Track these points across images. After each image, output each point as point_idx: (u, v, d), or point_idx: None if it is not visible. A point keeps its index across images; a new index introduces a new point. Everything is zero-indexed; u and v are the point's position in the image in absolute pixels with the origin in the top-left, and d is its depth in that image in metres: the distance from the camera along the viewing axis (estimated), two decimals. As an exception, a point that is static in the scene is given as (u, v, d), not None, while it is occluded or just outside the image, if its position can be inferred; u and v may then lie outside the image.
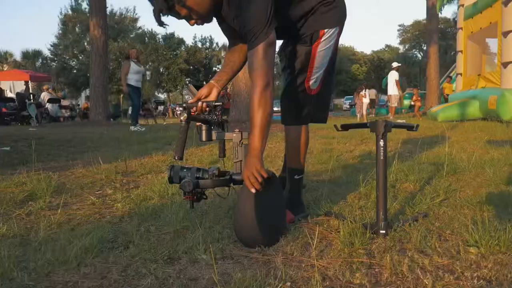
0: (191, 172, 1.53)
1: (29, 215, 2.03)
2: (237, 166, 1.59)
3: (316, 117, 1.83)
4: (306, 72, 1.71)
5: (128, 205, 2.15)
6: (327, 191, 2.22)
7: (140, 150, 4.60)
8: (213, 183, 1.54)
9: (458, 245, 1.35)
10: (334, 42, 1.75)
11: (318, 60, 1.71)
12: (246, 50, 1.79)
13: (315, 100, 1.78)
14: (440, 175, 2.64)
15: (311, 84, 1.74)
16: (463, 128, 6.92)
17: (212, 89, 1.74)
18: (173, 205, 2.04)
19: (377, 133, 1.46)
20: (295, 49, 1.73)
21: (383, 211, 1.46)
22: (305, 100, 1.75)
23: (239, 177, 1.54)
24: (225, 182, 1.56)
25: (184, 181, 1.49)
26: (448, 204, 1.91)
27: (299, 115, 1.76)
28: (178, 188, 1.56)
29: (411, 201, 1.96)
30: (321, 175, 2.86)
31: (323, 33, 1.68)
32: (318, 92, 1.77)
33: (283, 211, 1.58)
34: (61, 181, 2.91)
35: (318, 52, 1.69)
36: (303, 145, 1.78)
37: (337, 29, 1.72)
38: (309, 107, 1.76)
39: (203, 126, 1.61)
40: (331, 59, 1.77)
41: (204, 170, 1.55)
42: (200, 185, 1.52)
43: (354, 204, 1.97)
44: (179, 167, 1.56)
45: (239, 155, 1.59)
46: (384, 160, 1.45)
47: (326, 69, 1.77)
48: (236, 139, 1.59)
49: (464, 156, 3.58)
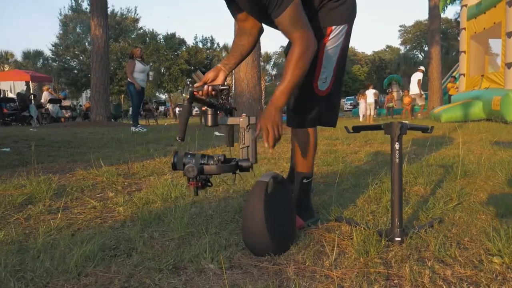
0: (195, 159, 1.47)
1: (28, 219, 1.97)
2: (243, 152, 1.52)
3: (325, 121, 1.74)
4: (314, 72, 1.64)
5: (130, 208, 2.09)
6: (335, 195, 2.15)
7: (141, 151, 4.53)
8: (218, 169, 1.45)
9: (479, 254, 1.28)
10: (343, 40, 1.67)
11: (325, 59, 1.63)
12: (255, 34, 1.78)
13: (324, 102, 1.70)
14: (450, 177, 2.57)
15: (320, 85, 1.66)
16: (467, 129, 6.85)
17: (218, 72, 1.70)
18: (177, 209, 1.97)
19: (392, 136, 1.39)
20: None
21: (399, 218, 1.39)
22: (313, 102, 1.68)
23: (246, 164, 1.47)
24: (231, 168, 1.49)
25: (188, 166, 1.42)
26: (462, 208, 1.84)
27: (307, 117, 1.68)
28: (182, 175, 1.49)
29: (423, 205, 1.88)
30: (327, 178, 2.79)
31: (330, 31, 1.61)
32: (328, 93, 1.70)
33: (293, 216, 1.51)
34: (62, 184, 2.84)
35: (326, 51, 1.62)
36: (312, 148, 1.71)
37: (345, 26, 1.65)
38: (317, 109, 1.69)
39: (209, 110, 1.55)
40: (340, 58, 1.69)
41: (209, 157, 1.49)
42: (205, 171, 1.44)
43: (365, 208, 1.89)
44: (182, 154, 1.50)
45: (246, 140, 1.51)
46: (400, 164, 1.38)
47: (336, 69, 1.69)
48: (243, 123, 1.52)
49: (472, 158, 3.51)
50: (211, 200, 2.21)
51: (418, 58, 49.20)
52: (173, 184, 2.53)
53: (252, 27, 1.74)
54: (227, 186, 2.55)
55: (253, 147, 1.49)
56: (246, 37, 1.76)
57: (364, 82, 48.27)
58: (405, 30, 50.19)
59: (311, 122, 1.69)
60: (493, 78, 9.73)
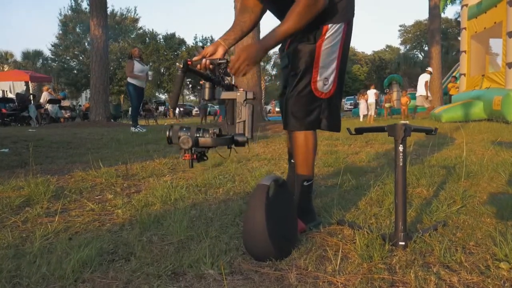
0: (190, 132, 1.47)
1: (25, 222, 1.94)
2: (239, 126, 1.50)
3: (329, 125, 1.67)
4: (311, 73, 1.59)
5: (129, 211, 2.06)
6: (337, 197, 2.12)
7: (141, 152, 4.50)
8: (213, 141, 1.45)
9: (486, 260, 1.25)
10: (341, 40, 1.62)
11: (322, 59, 1.59)
12: (257, 12, 1.77)
13: (326, 105, 1.64)
14: (453, 179, 2.54)
15: (320, 86, 1.61)
16: (468, 129, 6.82)
17: (218, 47, 1.68)
18: (176, 211, 1.94)
19: (396, 138, 1.36)
20: (297, 48, 1.62)
21: (402, 221, 1.36)
22: (312, 104, 1.62)
23: (242, 138, 1.47)
24: (226, 142, 1.48)
25: (182, 137, 1.41)
26: (466, 211, 1.80)
27: (306, 120, 1.62)
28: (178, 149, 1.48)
29: (427, 208, 1.85)
30: (328, 179, 2.76)
31: (326, 29, 1.57)
32: (331, 95, 1.65)
33: (294, 220, 1.48)
34: (60, 185, 2.81)
35: (322, 51, 1.58)
36: (311, 151, 1.66)
37: (342, 25, 1.60)
38: (317, 112, 1.63)
39: (206, 84, 1.54)
40: (339, 59, 1.64)
41: (205, 130, 1.48)
42: (200, 143, 1.44)
43: (367, 211, 1.87)
44: (178, 126, 1.49)
45: (242, 114, 1.49)
46: (404, 167, 1.35)
47: (337, 70, 1.65)
48: (240, 98, 1.50)
49: (474, 158, 3.48)
50: (211, 202, 2.18)
51: (418, 58, 49.18)
52: (172, 186, 2.51)
53: (255, 5, 1.74)
54: (227, 188, 2.52)
55: (250, 122, 1.48)
56: (248, 15, 1.75)
57: (364, 82, 48.26)
58: (405, 29, 50.17)
59: (310, 125, 1.63)
60: (494, 78, 9.70)
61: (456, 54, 36.55)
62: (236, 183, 2.70)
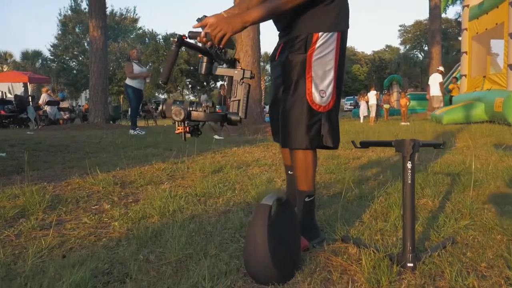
0: (184, 105, 1.45)
1: (19, 236, 1.88)
2: (234, 105, 1.47)
3: (328, 142, 1.57)
4: (305, 84, 1.52)
5: (126, 224, 2.00)
6: (340, 209, 2.06)
7: (139, 157, 4.44)
8: (206, 116, 1.43)
9: (500, 285, 1.19)
10: (335, 50, 1.53)
11: (316, 69, 1.51)
12: None
13: (325, 119, 1.55)
14: (458, 188, 2.48)
15: (317, 99, 1.53)
16: (470, 132, 6.76)
17: None
18: (174, 225, 1.88)
19: (403, 154, 1.30)
20: (288, 59, 1.55)
21: (411, 242, 1.30)
22: (311, 118, 1.53)
23: (235, 117, 1.45)
24: (219, 117, 1.46)
25: (175, 109, 1.40)
26: (475, 226, 1.74)
27: (306, 136, 1.52)
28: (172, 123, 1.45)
29: (434, 222, 1.79)
30: (331, 187, 2.70)
31: (317, 38, 1.50)
32: (330, 109, 1.56)
33: (298, 239, 1.42)
34: (56, 193, 2.76)
35: (314, 60, 1.51)
36: (311, 166, 1.59)
37: (334, 34, 1.52)
38: (317, 127, 1.54)
39: (204, 58, 1.50)
40: (336, 70, 1.55)
41: (198, 104, 1.46)
42: (192, 117, 1.43)
43: (372, 226, 1.80)
44: (171, 100, 1.47)
45: (238, 93, 1.46)
46: (412, 184, 1.29)
47: (335, 82, 1.55)
48: (237, 76, 1.47)
49: (479, 165, 3.42)
50: (210, 214, 2.12)
51: (418, 58, 49.12)
52: (170, 196, 2.45)
53: None
54: (227, 198, 2.46)
55: (244, 102, 1.45)
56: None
57: (363, 82, 48.23)
58: (405, 29, 50.10)
59: (311, 142, 1.53)
60: (495, 79, 9.64)
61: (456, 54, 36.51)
62: (236, 191, 2.64)
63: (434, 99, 12.84)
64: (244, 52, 8.26)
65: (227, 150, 4.98)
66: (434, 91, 12.81)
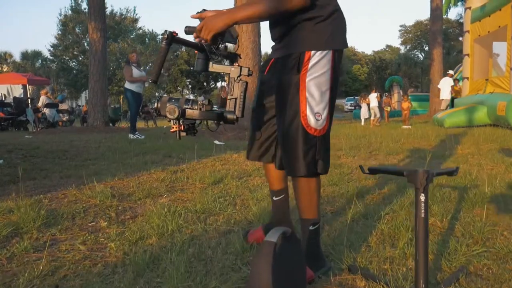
0: (179, 102, 1.40)
1: (11, 259, 1.81)
2: (230, 103, 1.41)
3: (324, 166, 1.48)
4: (299, 106, 1.43)
5: (123, 246, 1.92)
6: (345, 230, 1.98)
7: (138, 165, 4.37)
8: (200, 114, 1.39)
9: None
10: (330, 70, 1.44)
11: (310, 91, 1.42)
12: None
13: (321, 143, 1.46)
14: (467, 206, 2.40)
15: (312, 122, 1.43)
16: (473, 137, 6.68)
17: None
18: (173, 248, 1.80)
19: (416, 185, 1.22)
20: (281, 80, 1.47)
21: (424, 280, 1.22)
22: (307, 143, 1.44)
23: (231, 116, 1.40)
24: (214, 116, 1.40)
25: (170, 107, 1.36)
26: (488, 254, 1.66)
27: (304, 162, 1.44)
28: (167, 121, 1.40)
29: (444, 249, 1.71)
30: (335, 203, 2.62)
31: (309, 56, 1.41)
32: (325, 133, 1.47)
33: (303, 273, 1.34)
34: (52, 207, 2.69)
35: (308, 81, 1.41)
36: (315, 192, 1.51)
37: (328, 53, 1.43)
38: (313, 152, 1.45)
39: (200, 54, 1.45)
40: (331, 92, 1.46)
41: (194, 101, 1.41)
42: (187, 115, 1.39)
43: (380, 251, 1.72)
44: (167, 97, 1.42)
45: (234, 91, 1.40)
46: (426, 218, 1.21)
47: (329, 103, 1.46)
48: (234, 73, 1.40)
49: (485, 176, 3.34)
50: (210, 235, 2.04)
51: (419, 58, 49.03)
52: (169, 212, 2.37)
53: None
54: (227, 215, 2.38)
55: (241, 100, 1.41)
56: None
57: (364, 82, 48.18)
58: (405, 30, 50.02)
59: (308, 168, 1.44)
60: (498, 83, 9.56)
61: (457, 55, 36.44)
62: (237, 207, 2.56)
63: (444, 103, 12.81)
64: (244, 55, 8.18)
65: (227, 157, 4.91)
66: (445, 94, 12.80)
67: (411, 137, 7.14)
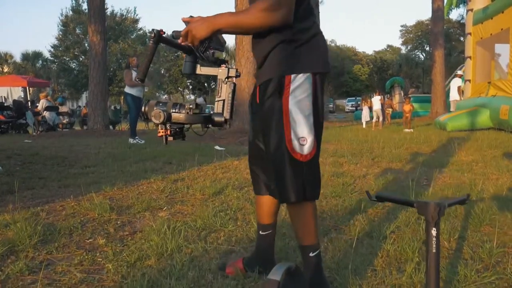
0: (166, 106, 1.39)
1: (5, 282, 1.75)
2: (218, 105, 1.39)
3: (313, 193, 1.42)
4: (283, 131, 1.37)
5: (121, 268, 1.86)
6: (349, 251, 1.92)
7: (138, 173, 4.31)
8: (186, 118, 1.37)
9: None
10: (312, 94, 1.38)
11: (293, 116, 1.36)
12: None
13: (307, 169, 1.39)
14: (474, 223, 2.34)
15: (297, 146, 1.37)
16: (476, 143, 6.61)
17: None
18: (172, 273, 1.75)
19: (428, 219, 1.16)
20: (265, 105, 1.41)
21: (436, 317, 1.16)
22: (293, 169, 1.38)
23: (219, 118, 1.38)
24: (201, 120, 1.38)
25: (155, 111, 1.34)
26: (499, 282, 1.60)
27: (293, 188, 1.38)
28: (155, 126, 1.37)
29: (453, 275, 1.65)
30: (338, 218, 2.56)
31: (289, 80, 1.36)
32: (312, 157, 1.40)
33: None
34: (50, 221, 2.63)
35: (291, 105, 1.36)
36: (311, 218, 1.44)
37: (309, 76, 1.37)
38: (301, 178, 1.39)
39: (188, 57, 1.44)
40: (315, 115, 1.40)
41: (181, 105, 1.39)
42: (172, 118, 1.37)
43: (386, 277, 1.66)
44: (154, 102, 1.40)
45: (222, 93, 1.39)
46: (437, 253, 1.15)
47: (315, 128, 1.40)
48: (222, 75, 1.39)
49: (490, 187, 3.29)
50: (211, 255, 1.98)
51: (420, 59, 48.94)
52: (169, 229, 2.31)
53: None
54: (228, 231, 2.33)
55: (229, 102, 1.39)
56: None
57: (365, 82, 48.08)
58: (406, 30, 49.90)
59: (297, 195, 1.38)
60: (501, 86, 9.49)
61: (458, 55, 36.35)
62: (239, 223, 2.51)
63: (453, 104, 12.76)
64: (245, 59, 8.13)
65: (228, 164, 4.85)
66: (454, 95, 12.73)
67: (414, 142, 7.07)
